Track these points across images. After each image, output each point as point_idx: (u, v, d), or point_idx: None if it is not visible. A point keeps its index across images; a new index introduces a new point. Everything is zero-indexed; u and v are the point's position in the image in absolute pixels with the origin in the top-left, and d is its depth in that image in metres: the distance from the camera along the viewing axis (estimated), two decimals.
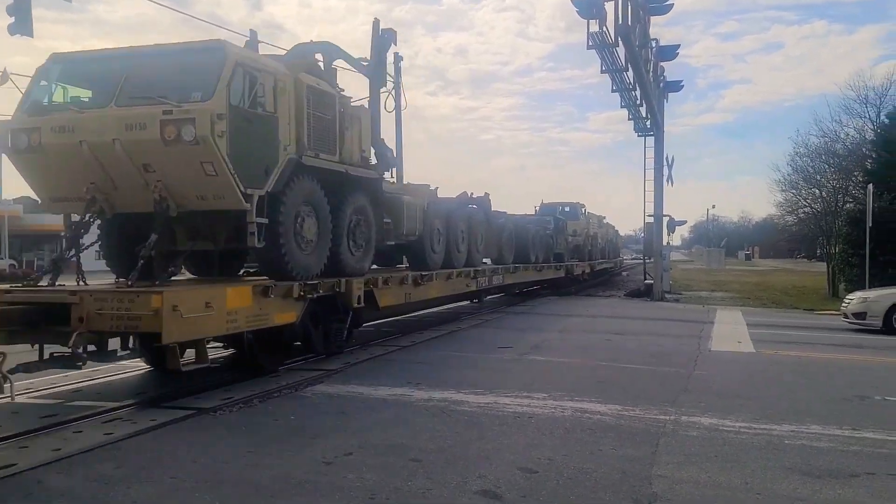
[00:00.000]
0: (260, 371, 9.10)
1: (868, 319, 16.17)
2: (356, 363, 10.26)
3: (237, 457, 5.69)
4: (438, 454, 5.84)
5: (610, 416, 7.23)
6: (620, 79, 21.39)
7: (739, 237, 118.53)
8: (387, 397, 8.00)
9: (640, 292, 27.63)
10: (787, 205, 39.21)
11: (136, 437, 6.21)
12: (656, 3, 20.17)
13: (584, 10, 17.20)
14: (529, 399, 7.96)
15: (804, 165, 35.18)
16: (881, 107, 35.86)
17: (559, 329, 15.33)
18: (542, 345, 12.72)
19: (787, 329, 16.76)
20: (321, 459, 5.64)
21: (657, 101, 25.27)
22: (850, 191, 32.03)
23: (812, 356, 12.03)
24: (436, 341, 13.02)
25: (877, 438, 6.52)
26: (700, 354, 11.87)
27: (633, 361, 11.02)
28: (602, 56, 19.11)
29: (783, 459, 5.82)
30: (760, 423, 6.99)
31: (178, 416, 6.92)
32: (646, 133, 26.86)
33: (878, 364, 11.45)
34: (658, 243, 26.61)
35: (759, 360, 11.54)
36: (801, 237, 59.53)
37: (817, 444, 6.28)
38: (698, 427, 6.85)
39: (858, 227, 23.77)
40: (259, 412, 7.27)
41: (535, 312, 19.66)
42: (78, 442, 5.92)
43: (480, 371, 9.89)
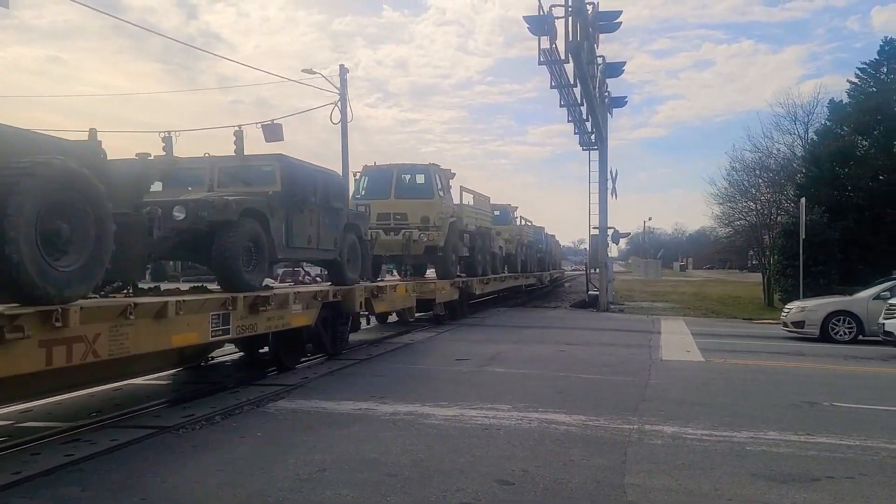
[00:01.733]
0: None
1: (806, 328, 16.88)
2: (315, 378, 10.13)
3: (207, 476, 5.55)
4: (413, 468, 5.82)
5: (576, 427, 7.33)
6: (568, 94, 21.84)
7: (674, 248, 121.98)
8: (352, 412, 7.92)
9: (585, 303, 28.10)
10: (724, 217, 40.59)
11: (98, 457, 5.98)
12: (605, 21, 20.68)
13: (536, 27, 17.54)
14: (495, 411, 8.01)
15: (739, 179, 36.51)
16: (809, 124, 37.67)
17: (513, 340, 15.46)
18: (499, 356, 12.81)
19: (730, 338, 17.32)
20: (295, 476, 5.55)
21: (602, 116, 25.86)
22: (783, 204, 33.38)
23: (759, 364, 12.46)
24: (392, 354, 12.97)
25: (831, 443, 6.80)
26: (653, 364, 12.15)
27: (590, 371, 11.21)
28: (552, 72, 19.49)
29: (747, 465, 6.01)
30: (720, 431, 7.20)
31: (139, 435, 6.70)
32: (590, 147, 27.43)
33: (822, 371, 11.95)
34: (603, 255, 27.14)
35: (710, 368, 11.89)
36: (733, 248, 61.68)
37: (777, 450, 6.51)
38: (662, 435, 7.01)
39: (792, 240, 24.81)
40: (223, 429, 7.10)
41: (487, 324, 19.78)
42: (38, 464, 5.66)
43: (442, 383, 9.90)
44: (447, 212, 18.23)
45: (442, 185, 18.40)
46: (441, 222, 17.80)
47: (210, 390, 9.10)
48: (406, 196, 17.83)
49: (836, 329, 16.64)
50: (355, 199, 16.67)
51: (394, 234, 17.35)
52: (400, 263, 20.48)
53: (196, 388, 9.29)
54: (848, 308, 16.82)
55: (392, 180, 17.86)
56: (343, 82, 30.30)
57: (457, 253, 19.12)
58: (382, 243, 16.97)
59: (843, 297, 17.86)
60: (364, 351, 13.09)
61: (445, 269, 18.18)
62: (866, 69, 34.61)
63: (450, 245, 18.22)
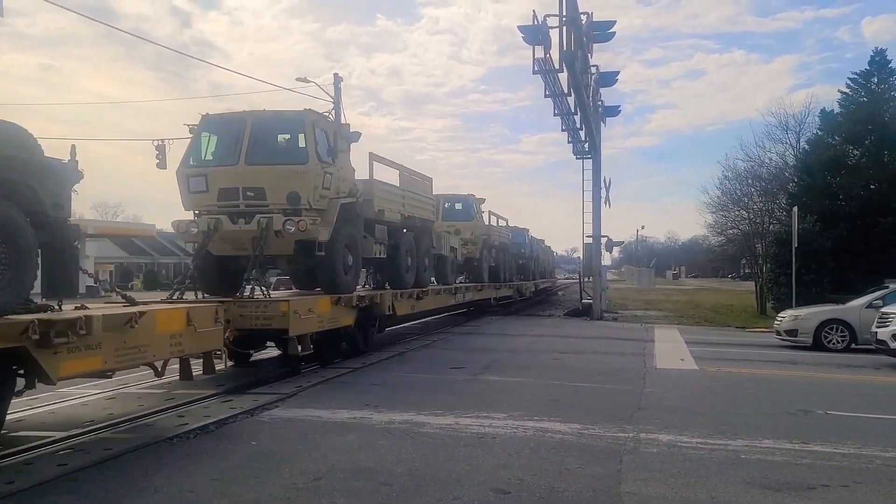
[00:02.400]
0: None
1: (799, 336, 16.95)
2: (309, 386, 10.10)
3: (203, 485, 5.52)
4: (408, 477, 5.80)
5: (571, 435, 7.33)
6: (562, 103, 21.93)
7: (667, 257, 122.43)
8: (347, 420, 7.90)
9: (579, 311, 28.13)
10: (717, 226, 40.80)
11: (92, 467, 5.94)
12: (599, 31, 20.81)
13: (530, 37, 17.62)
14: (490, 419, 8.00)
15: (732, 188, 36.76)
16: (801, 133, 37.94)
17: (507, 349, 15.45)
18: (494, 365, 12.81)
19: (723, 346, 17.36)
20: (291, 485, 5.52)
21: (596, 125, 25.95)
22: (775, 213, 33.58)
23: (752, 372, 12.51)
24: (386, 363, 12.94)
25: (825, 451, 6.81)
26: (647, 372, 12.17)
27: (584, 380, 11.22)
28: (546, 81, 19.57)
29: (742, 473, 6.01)
30: (715, 439, 7.21)
31: (132, 444, 6.66)
32: (584, 156, 27.51)
33: (815, 379, 11.99)
34: (597, 263, 27.19)
35: (704, 376, 11.92)
36: (726, 257, 61.96)
37: (772, 458, 6.52)
38: (657, 444, 7.02)
39: (785, 248, 24.90)
40: (218, 438, 7.07)
41: (481, 332, 19.77)
42: (32, 475, 5.62)
43: (437, 392, 9.88)
44: (339, 188, 11.85)
45: (329, 145, 11.72)
46: (324, 203, 11.49)
47: (204, 399, 9.06)
48: (265, 161, 11.10)
49: (829, 337, 16.71)
50: (186, 168, 11.37)
51: (244, 220, 10.99)
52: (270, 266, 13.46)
53: (189, 397, 9.23)
54: (841, 316, 16.89)
55: (243, 137, 11.11)
56: (337, 91, 30.41)
57: (357, 252, 12.74)
58: (225, 236, 11.12)
59: (835, 306, 17.93)
60: (358, 360, 13.05)
61: (329, 276, 11.92)
62: (857, 79, 34.86)
63: (341, 239, 11.93)
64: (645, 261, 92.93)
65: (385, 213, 14.13)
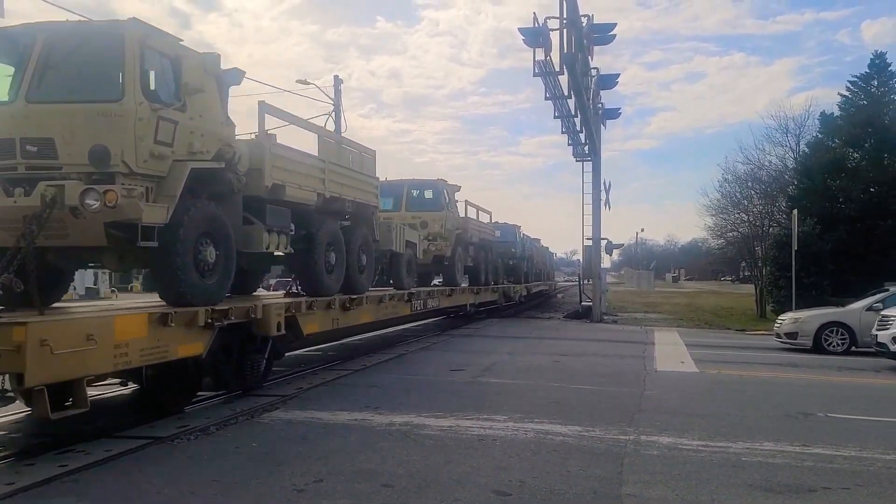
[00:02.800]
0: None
1: (799, 339, 16.95)
2: (309, 388, 10.10)
3: (204, 487, 5.52)
4: (410, 479, 5.80)
5: (572, 437, 7.33)
6: (562, 105, 21.94)
7: (666, 259, 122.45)
8: (348, 422, 7.89)
9: (579, 314, 28.13)
10: (717, 229, 40.81)
11: (93, 468, 5.94)
12: (600, 34, 20.83)
13: (531, 39, 17.65)
14: (491, 421, 7.99)
15: (732, 191, 36.78)
16: (800, 136, 37.96)
17: (507, 351, 15.44)
18: (494, 367, 12.80)
19: (723, 349, 17.36)
20: (292, 487, 5.52)
21: (596, 127, 25.97)
22: (775, 216, 33.60)
23: (752, 375, 12.50)
24: (386, 364, 12.93)
25: (826, 454, 6.81)
26: (647, 374, 12.17)
27: (584, 382, 11.21)
28: (546, 83, 19.59)
29: (744, 476, 6.01)
30: (716, 441, 7.21)
31: (133, 445, 6.65)
32: (584, 158, 27.53)
33: (815, 381, 11.99)
34: (597, 266, 27.19)
35: (704, 379, 11.91)
36: (725, 260, 62.00)
37: (773, 461, 6.52)
38: (658, 446, 7.01)
39: (784, 251, 24.93)
40: (219, 440, 7.06)
41: (481, 335, 19.76)
42: (32, 475, 5.62)
43: (437, 394, 9.88)
44: (191, 144, 7.93)
45: (174, 78, 7.87)
46: (159, 165, 7.53)
47: (204, 400, 9.05)
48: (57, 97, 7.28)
49: (829, 340, 16.71)
50: None
51: (23, 190, 7.03)
52: None
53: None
54: (841, 319, 16.89)
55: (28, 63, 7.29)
56: (337, 93, 30.40)
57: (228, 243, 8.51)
58: None
59: (835, 309, 17.94)
60: (358, 361, 13.05)
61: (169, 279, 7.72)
62: (857, 82, 34.86)
63: (192, 223, 7.80)
64: (644, 263, 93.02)
65: (286, 189, 9.99)
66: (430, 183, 19.38)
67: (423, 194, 19.02)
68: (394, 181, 18.09)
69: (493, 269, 24.22)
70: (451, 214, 19.27)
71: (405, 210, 17.74)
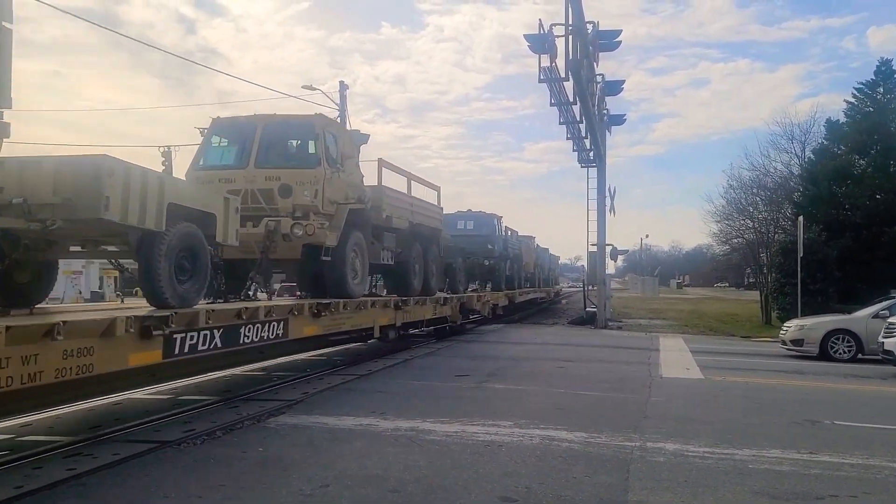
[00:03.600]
0: None
1: (805, 346, 16.89)
2: (315, 393, 10.11)
3: (211, 491, 5.53)
4: (416, 484, 5.80)
5: (578, 444, 7.32)
6: (568, 111, 21.98)
7: (671, 266, 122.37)
8: (353, 427, 7.90)
9: (583, 320, 28.11)
10: (722, 235, 40.77)
11: (100, 471, 5.95)
12: (605, 40, 20.89)
13: (536, 46, 17.71)
14: (496, 427, 7.99)
15: (737, 198, 36.73)
16: (806, 143, 37.94)
17: (512, 357, 15.44)
18: (498, 372, 12.80)
19: (728, 356, 17.32)
20: (299, 492, 5.53)
21: (601, 133, 26.03)
22: (780, 222, 33.56)
23: (758, 382, 12.48)
24: (392, 370, 12.94)
25: (833, 461, 6.79)
26: (652, 381, 12.15)
27: (589, 388, 11.21)
28: (552, 89, 19.64)
29: (750, 483, 6.00)
30: (722, 448, 7.20)
31: (140, 449, 6.67)
32: (589, 164, 27.57)
33: (821, 389, 11.96)
34: (601, 271, 27.18)
35: (710, 385, 11.89)
36: (730, 266, 61.93)
37: (779, 468, 6.50)
38: (664, 453, 7.00)
39: (790, 257, 24.89)
40: (225, 444, 7.08)
41: (485, 341, 19.76)
42: (40, 478, 5.63)
43: (442, 399, 9.88)
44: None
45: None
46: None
47: (210, 405, 9.08)
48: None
49: (835, 347, 16.65)
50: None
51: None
52: None
53: (196, 403, 9.25)
54: (847, 326, 16.84)
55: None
56: (342, 98, 30.53)
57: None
58: None
59: (842, 316, 17.89)
60: (364, 366, 13.06)
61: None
62: (863, 89, 34.87)
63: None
64: (649, 269, 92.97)
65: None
66: (297, 121, 11.83)
67: (286, 140, 11.85)
68: (238, 118, 11.96)
69: (437, 270, 17.31)
70: (340, 177, 11.78)
71: (254, 166, 11.07)
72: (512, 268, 27.21)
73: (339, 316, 11.58)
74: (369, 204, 12.69)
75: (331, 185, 11.34)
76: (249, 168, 11.10)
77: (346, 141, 12.23)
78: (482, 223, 24.12)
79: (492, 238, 24.19)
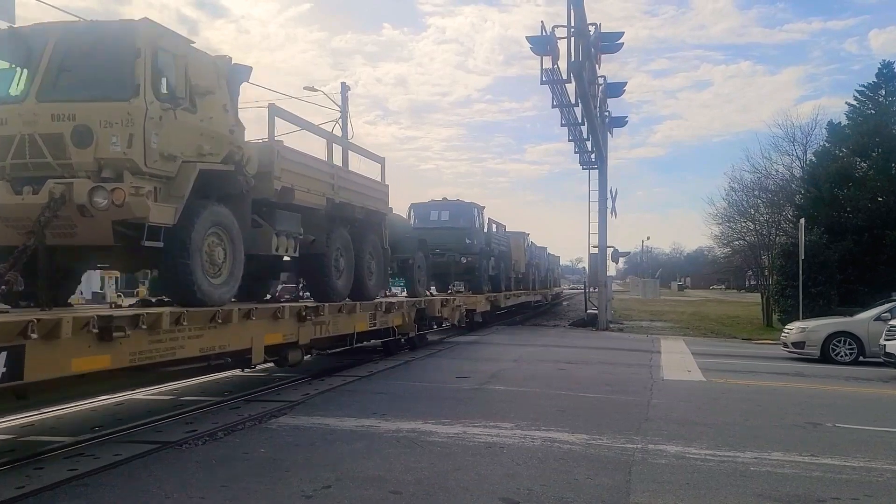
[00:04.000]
0: None
1: (806, 349, 16.88)
2: (316, 394, 10.11)
3: (213, 492, 5.53)
4: (417, 486, 5.80)
5: (579, 445, 7.32)
6: (569, 113, 21.99)
7: (672, 268, 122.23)
8: (354, 428, 7.90)
9: (584, 322, 28.08)
10: (723, 237, 40.76)
11: (102, 472, 5.96)
12: (607, 42, 20.92)
13: (538, 48, 17.73)
14: (497, 429, 7.99)
15: (738, 200, 36.73)
16: (807, 145, 37.92)
17: (513, 359, 15.44)
18: (500, 374, 12.80)
19: (730, 358, 17.31)
20: (300, 493, 5.53)
21: (603, 135, 26.03)
22: (782, 225, 33.54)
23: (760, 384, 12.47)
24: (392, 371, 12.94)
25: (835, 464, 6.79)
26: (654, 383, 12.14)
27: (591, 390, 11.20)
28: (554, 91, 19.65)
29: (752, 486, 5.99)
30: (724, 451, 7.19)
31: (142, 450, 6.68)
32: (590, 166, 27.56)
33: (823, 391, 11.94)
34: (603, 273, 27.17)
35: (711, 388, 11.88)
36: (731, 268, 61.88)
37: (781, 471, 6.50)
38: (665, 455, 7.00)
39: (791, 260, 24.86)
40: (227, 445, 7.08)
41: (486, 342, 19.75)
42: (41, 479, 5.64)
43: (443, 401, 9.87)
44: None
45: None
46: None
47: (211, 405, 9.08)
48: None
49: (836, 350, 16.63)
50: None
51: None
52: None
53: (197, 403, 9.25)
54: (849, 329, 16.82)
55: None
56: (344, 100, 30.54)
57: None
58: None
59: (843, 318, 17.87)
60: (364, 368, 13.06)
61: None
62: (864, 91, 34.87)
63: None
64: (650, 271, 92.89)
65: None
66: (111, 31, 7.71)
67: (93, 59, 7.51)
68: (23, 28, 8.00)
69: (380, 266, 13.51)
70: (187, 120, 7.89)
71: (36, 98, 7.20)
72: (497, 266, 23.86)
73: (171, 335, 7.34)
74: (248, 166, 8.83)
75: (164, 129, 7.39)
76: (29, 101, 7.13)
77: (202, 68, 8.12)
78: (459, 214, 20.67)
79: (470, 231, 20.91)
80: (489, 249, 22.79)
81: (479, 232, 21.82)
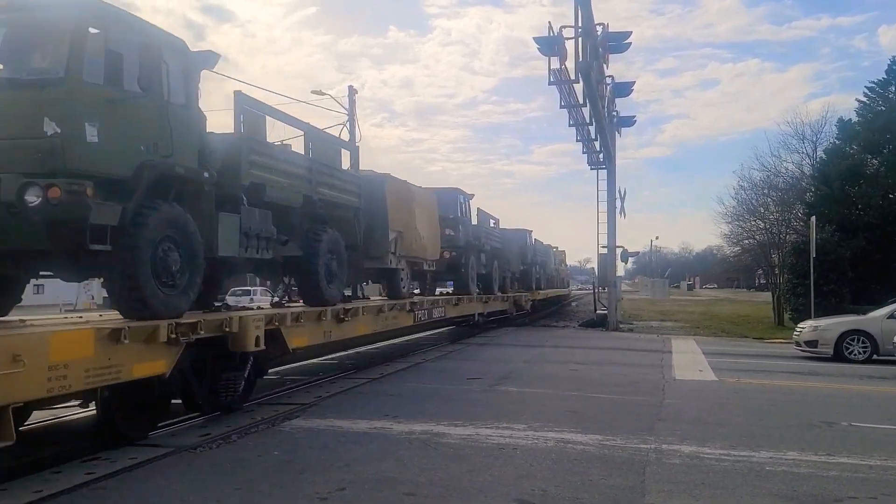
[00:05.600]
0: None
1: (819, 347, 16.76)
2: (328, 396, 10.14)
3: (228, 495, 5.55)
4: (431, 487, 5.80)
5: (593, 446, 7.30)
6: (577, 114, 21.94)
7: (681, 267, 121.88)
8: (368, 430, 7.91)
9: (594, 322, 28.01)
10: (732, 236, 40.56)
11: (118, 475, 5.99)
12: (615, 42, 20.86)
13: (545, 48, 17.69)
14: (510, 430, 7.98)
15: (748, 198, 36.54)
16: (817, 143, 37.69)
17: (524, 360, 15.42)
18: (511, 375, 12.78)
19: (742, 357, 17.22)
20: (315, 495, 5.54)
21: (611, 135, 25.97)
22: (792, 223, 33.32)
23: (773, 384, 12.40)
24: (403, 373, 12.95)
25: (851, 463, 6.74)
26: (666, 383, 12.09)
27: (603, 391, 11.17)
28: (561, 92, 19.62)
29: (768, 486, 5.96)
30: (739, 451, 7.16)
31: (157, 454, 6.71)
32: (598, 166, 27.49)
33: (837, 390, 11.87)
34: (612, 274, 27.10)
35: (724, 388, 11.83)
36: (740, 267, 61.60)
37: (797, 470, 6.46)
38: (680, 455, 6.97)
39: (802, 258, 24.71)
40: (241, 448, 7.10)
41: (497, 343, 19.73)
42: (59, 483, 5.68)
43: (455, 402, 9.87)
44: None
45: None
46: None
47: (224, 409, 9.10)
48: None
49: (850, 348, 16.51)
50: None
51: None
52: None
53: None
54: (862, 327, 16.69)
55: None
56: (351, 103, 30.54)
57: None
58: None
59: (856, 317, 17.73)
60: (375, 370, 13.08)
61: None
62: (874, 88, 34.63)
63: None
64: (659, 271, 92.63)
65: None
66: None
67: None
68: None
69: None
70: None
71: None
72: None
73: None
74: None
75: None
76: None
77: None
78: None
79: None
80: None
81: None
